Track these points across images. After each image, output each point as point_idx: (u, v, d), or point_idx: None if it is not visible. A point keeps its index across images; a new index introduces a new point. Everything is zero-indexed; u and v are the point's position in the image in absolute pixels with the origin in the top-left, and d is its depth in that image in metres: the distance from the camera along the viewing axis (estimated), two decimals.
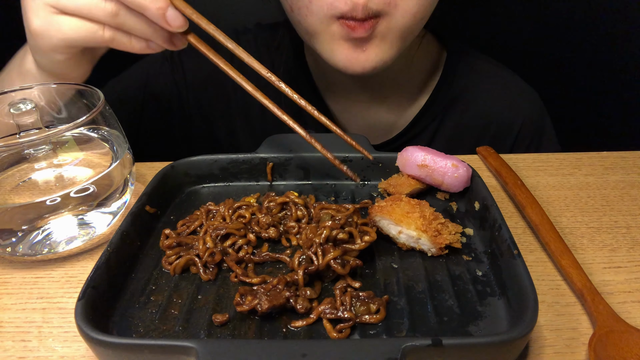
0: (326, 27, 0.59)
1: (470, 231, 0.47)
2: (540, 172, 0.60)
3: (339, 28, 0.58)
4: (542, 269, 0.45)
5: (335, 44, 0.60)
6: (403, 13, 0.57)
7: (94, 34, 0.45)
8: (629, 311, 0.40)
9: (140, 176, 0.60)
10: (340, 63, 0.61)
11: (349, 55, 0.60)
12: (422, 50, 0.77)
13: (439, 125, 0.79)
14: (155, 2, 0.42)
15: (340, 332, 0.37)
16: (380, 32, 0.58)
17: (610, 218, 0.51)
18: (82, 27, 0.45)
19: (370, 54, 0.59)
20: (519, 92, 0.81)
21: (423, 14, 0.60)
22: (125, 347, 0.33)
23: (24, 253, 0.45)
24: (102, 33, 0.45)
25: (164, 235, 0.46)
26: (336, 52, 0.60)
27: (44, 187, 0.48)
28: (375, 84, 0.77)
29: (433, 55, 0.80)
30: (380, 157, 0.55)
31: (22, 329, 0.39)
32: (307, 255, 0.41)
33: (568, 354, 0.37)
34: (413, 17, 0.59)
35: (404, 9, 0.57)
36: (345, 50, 0.59)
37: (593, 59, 1.21)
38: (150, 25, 0.44)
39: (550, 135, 0.81)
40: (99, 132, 0.51)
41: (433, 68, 0.80)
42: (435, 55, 0.80)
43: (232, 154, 0.55)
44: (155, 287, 0.42)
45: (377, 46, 0.59)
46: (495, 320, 0.38)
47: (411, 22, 0.59)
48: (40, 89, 0.50)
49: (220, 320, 0.38)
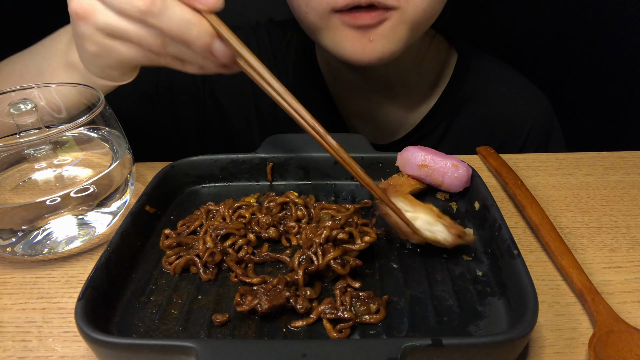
0: (327, 21, 0.59)
1: (470, 231, 0.47)
2: (540, 172, 0.60)
3: (340, 19, 0.58)
4: (542, 269, 0.45)
5: (340, 36, 0.60)
6: (414, 7, 0.57)
7: (148, 57, 0.45)
8: (629, 311, 0.40)
9: (140, 176, 0.60)
10: (346, 53, 0.61)
11: (355, 45, 0.59)
12: (432, 51, 0.77)
13: (447, 127, 0.79)
14: (200, 38, 0.41)
15: (340, 332, 0.37)
16: (390, 24, 0.58)
17: (610, 218, 0.51)
18: (138, 52, 0.44)
19: (378, 45, 0.59)
20: (527, 95, 0.81)
21: (434, 9, 0.60)
22: (125, 347, 0.33)
23: (24, 253, 0.45)
24: (157, 58, 0.45)
25: (164, 235, 0.46)
26: (342, 43, 0.60)
27: (44, 187, 0.48)
28: (384, 84, 0.77)
29: (443, 57, 0.80)
30: (380, 157, 0.55)
31: (22, 329, 0.39)
32: (307, 255, 0.41)
33: (568, 354, 0.37)
34: (424, 12, 0.59)
35: (415, 3, 0.57)
36: (351, 40, 0.59)
37: (593, 58, 1.21)
38: (200, 55, 0.43)
39: (558, 137, 0.82)
40: (99, 132, 0.51)
41: (443, 69, 0.80)
42: (445, 57, 0.80)
43: (232, 154, 0.55)
44: (155, 287, 0.42)
45: (385, 37, 0.59)
46: (495, 320, 0.38)
47: (422, 17, 0.59)
48: (41, 89, 0.50)
49: (220, 320, 0.38)
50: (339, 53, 0.62)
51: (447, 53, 0.81)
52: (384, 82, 0.77)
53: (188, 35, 0.41)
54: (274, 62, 0.82)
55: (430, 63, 0.78)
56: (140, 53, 0.44)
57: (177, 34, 0.41)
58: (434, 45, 0.76)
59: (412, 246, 0.46)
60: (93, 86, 0.49)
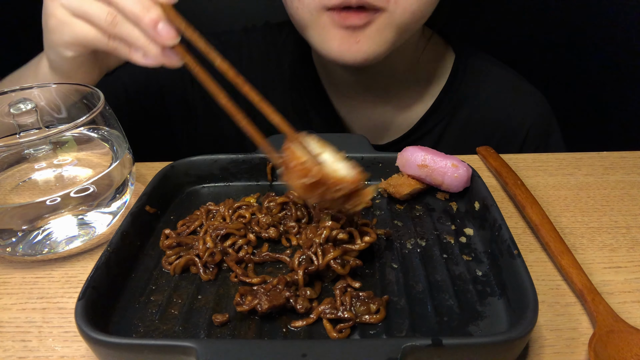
0: (317, 18, 0.59)
1: (470, 231, 0.48)
2: (540, 172, 0.60)
3: (330, 17, 0.58)
4: (542, 269, 0.45)
5: (328, 34, 0.60)
6: (403, 10, 0.58)
7: (99, 38, 0.49)
8: (629, 311, 0.40)
9: (140, 176, 0.60)
10: (332, 52, 0.61)
11: (342, 45, 0.60)
12: (429, 52, 0.77)
13: (445, 127, 0.79)
14: (148, 13, 0.44)
15: (340, 332, 0.37)
16: (377, 26, 0.58)
17: (610, 218, 0.51)
18: (90, 30, 0.49)
19: (363, 46, 0.60)
20: (526, 94, 0.81)
21: (423, 12, 0.60)
22: (125, 347, 0.33)
23: (24, 253, 0.45)
24: (106, 39, 0.48)
25: (164, 235, 0.46)
26: (329, 42, 0.61)
27: (44, 187, 0.48)
28: (381, 84, 0.77)
29: (440, 57, 0.80)
30: (380, 157, 0.55)
31: (22, 329, 0.39)
32: (307, 255, 0.41)
33: (568, 354, 0.37)
34: (412, 15, 0.59)
35: (403, 6, 0.57)
36: (339, 39, 0.60)
37: (592, 58, 1.21)
38: (145, 37, 0.46)
39: (557, 137, 0.81)
40: (99, 132, 0.51)
41: (440, 70, 0.80)
42: (442, 57, 0.80)
43: (232, 154, 0.55)
44: (155, 287, 0.42)
45: (371, 38, 0.59)
46: (495, 320, 0.38)
47: (410, 19, 0.60)
48: (41, 89, 0.51)
49: (220, 320, 0.38)
50: (325, 51, 0.62)
51: (444, 53, 0.81)
52: (380, 82, 0.77)
53: (139, 11, 0.44)
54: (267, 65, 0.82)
55: (426, 64, 0.78)
56: (92, 32, 0.48)
57: (130, 9, 0.45)
58: (430, 45, 0.76)
59: (412, 246, 0.46)
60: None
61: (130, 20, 0.46)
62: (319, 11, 0.59)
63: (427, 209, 0.52)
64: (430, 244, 0.46)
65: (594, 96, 1.25)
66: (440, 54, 0.80)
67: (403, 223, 0.49)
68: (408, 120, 0.80)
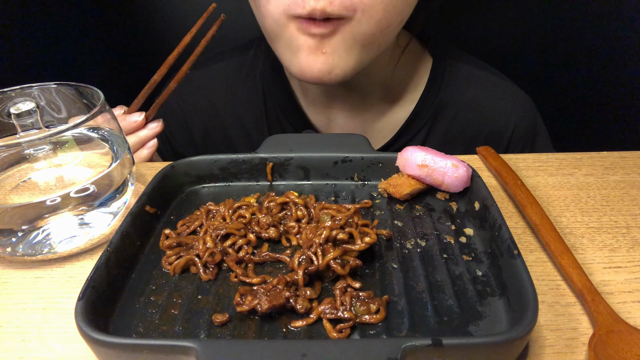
0: (283, 28, 0.59)
1: (470, 231, 0.48)
2: (540, 172, 0.60)
3: (296, 25, 0.57)
4: (542, 269, 0.45)
5: (294, 43, 0.59)
6: (368, 18, 0.56)
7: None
8: (629, 311, 0.40)
9: (140, 176, 0.60)
10: (297, 65, 0.60)
11: (309, 57, 0.59)
12: (407, 57, 0.75)
13: (427, 133, 0.78)
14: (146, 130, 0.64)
15: (340, 332, 0.37)
16: (343, 35, 0.57)
17: (610, 218, 0.51)
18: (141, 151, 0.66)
19: (329, 58, 0.59)
20: (508, 95, 0.79)
21: (389, 21, 0.59)
22: (125, 347, 0.33)
23: (24, 253, 0.45)
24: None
25: (164, 236, 0.46)
26: (296, 52, 0.59)
27: (44, 187, 0.48)
28: (358, 94, 0.76)
29: (418, 61, 0.79)
30: (380, 157, 0.55)
31: (22, 329, 0.39)
32: (307, 255, 0.41)
33: (568, 354, 0.37)
34: (377, 24, 0.58)
35: (368, 14, 0.56)
36: (306, 48, 0.58)
37: (592, 58, 1.21)
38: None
39: (544, 137, 0.80)
40: (99, 132, 0.51)
41: (419, 74, 0.79)
42: (421, 61, 0.79)
43: (232, 154, 0.55)
44: (155, 287, 0.42)
45: (336, 51, 0.58)
46: (495, 320, 0.38)
47: (375, 29, 0.58)
48: (41, 89, 0.51)
49: (220, 320, 0.38)
50: (291, 64, 0.61)
51: (423, 57, 0.79)
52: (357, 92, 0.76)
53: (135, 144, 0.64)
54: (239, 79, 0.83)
55: (405, 69, 0.77)
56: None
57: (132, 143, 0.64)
58: (407, 50, 0.74)
59: (412, 246, 0.46)
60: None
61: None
62: (284, 21, 0.58)
63: (427, 209, 0.52)
64: (430, 244, 0.46)
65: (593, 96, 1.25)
66: (419, 58, 0.79)
67: (403, 223, 0.49)
68: (389, 129, 0.79)
